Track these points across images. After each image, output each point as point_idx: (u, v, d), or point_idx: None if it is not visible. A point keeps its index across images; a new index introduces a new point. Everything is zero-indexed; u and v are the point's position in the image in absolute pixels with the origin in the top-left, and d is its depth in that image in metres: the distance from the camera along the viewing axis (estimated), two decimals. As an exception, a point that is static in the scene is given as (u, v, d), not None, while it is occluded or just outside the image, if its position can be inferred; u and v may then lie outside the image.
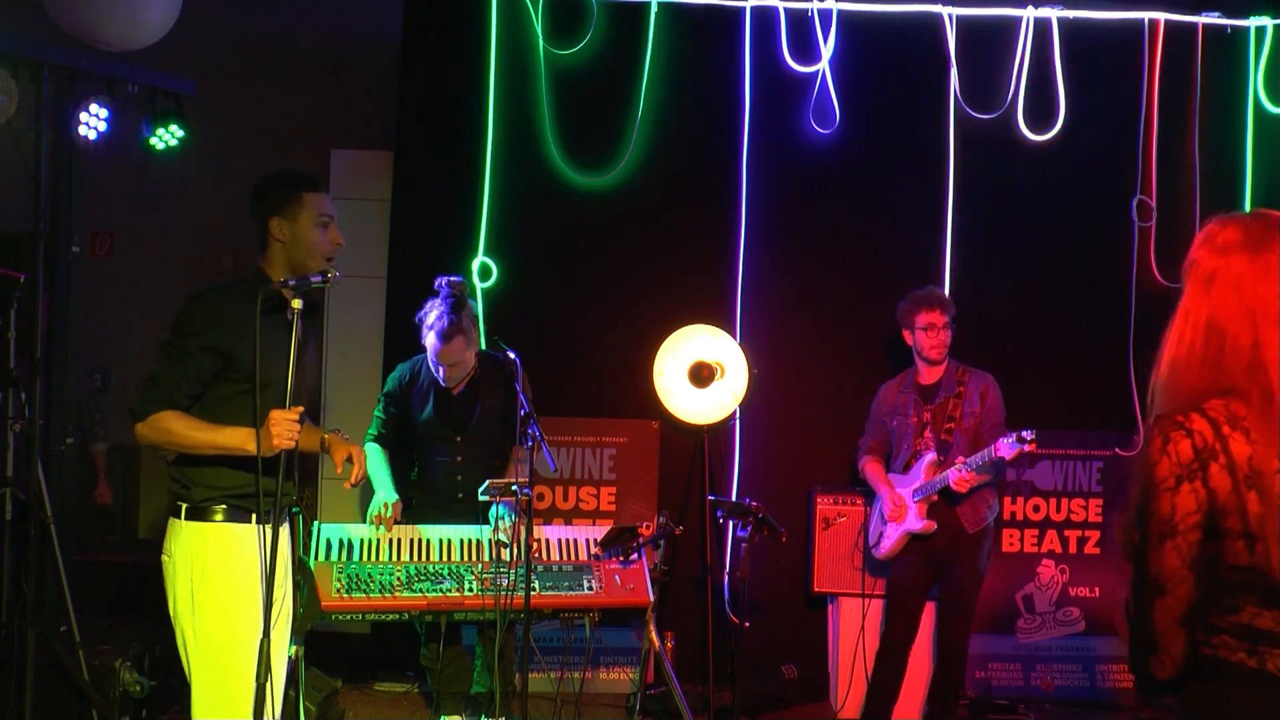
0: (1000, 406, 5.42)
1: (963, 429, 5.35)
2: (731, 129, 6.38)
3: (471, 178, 6.37)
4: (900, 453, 5.52)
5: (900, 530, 5.38)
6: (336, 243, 3.61)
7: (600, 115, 6.43)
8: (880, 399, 5.65)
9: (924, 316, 5.38)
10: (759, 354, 6.32)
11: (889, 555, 5.47)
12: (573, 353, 6.39)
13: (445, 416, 5.12)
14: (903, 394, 5.53)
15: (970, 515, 5.31)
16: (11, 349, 5.44)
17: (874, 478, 5.58)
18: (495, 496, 4.67)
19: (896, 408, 5.54)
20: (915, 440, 5.43)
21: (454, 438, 5.13)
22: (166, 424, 3.43)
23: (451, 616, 4.74)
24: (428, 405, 5.12)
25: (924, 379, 5.49)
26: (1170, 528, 2.19)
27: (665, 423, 6.27)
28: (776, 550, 5.72)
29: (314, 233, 3.56)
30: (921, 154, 6.39)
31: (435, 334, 4.89)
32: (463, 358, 4.97)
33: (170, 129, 5.85)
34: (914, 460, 5.42)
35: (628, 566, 4.92)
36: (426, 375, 5.15)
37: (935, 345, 5.40)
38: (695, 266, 6.43)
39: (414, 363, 5.23)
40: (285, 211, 3.55)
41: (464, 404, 5.13)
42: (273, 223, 3.56)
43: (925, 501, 5.31)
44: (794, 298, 6.40)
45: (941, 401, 5.41)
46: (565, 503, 6.20)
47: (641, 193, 6.42)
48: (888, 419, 5.58)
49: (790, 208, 6.43)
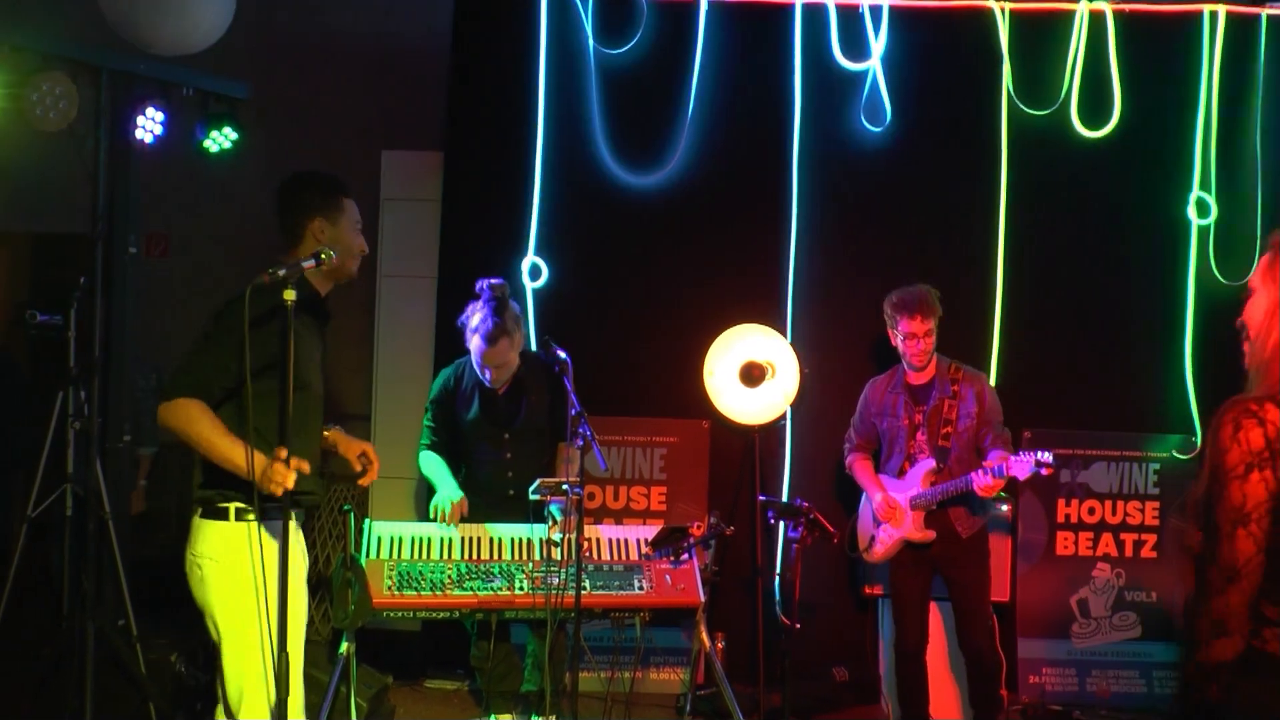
0: (998, 405, 5.35)
1: (959, 433, 5.27)
2: (782, 128, 6.39)
3: (521, 178, 6.42)
4: (892, 455, 5.44)
5: (896, 536, 5.33)
6: (364, 249, 3.72)
7: (650, 114, 6.46)
8: (868, 397, 5.57)
9: (905, 324, 5.27)
10: (810, 354, 6.32)
11: (882, 559, 5.44)
12: (623, 352, 6.42)
13: (492, 416, 5.18)
14: (891, 394, 5.44)
15: (964, 519, 5.27)
16: (71, 348, 5.57)
17: (864, 477, 5.51)
18: (547, 496, 4.71)
19: (885, 408, 5.45)
20: (908, 443, 5.35)
21: (502, 435, 5.18)
22: (190, 411, 3.42)
23: (502, 615, 4.78)
24: (473, 406, 5.19)
25: (913, 379, 5.40)
26: (1243, 515, 2.20)
27: (716, 423, 6.28)
28: (827, 551, 5.71)
29: (354, 236, 3.64)
30: (974, 151, 6.37)
31: (480, 337, 4.96)
32: (507, 359, 5.03)
33: (224, 132, 5.95)
34: (908, 464, 5.36)
35: (678, 567, 4.94)
36: (470, 377, 5.22)
37: (917, 354, 5.30)
38: (746, 265, 6.44)
39: (456, 367, 5.30)
40: (328, 213, 3.61)
41: (509, 403, 5.19)
42: (315, 223, 3.61)
43: (923, 509, 5.26)
44: (845, 296, 6.38)
45: (936, 404, 5.31)
46: (616, 502, 6.23)
47: (692, 192, 6.44)
48: (876, 419, 5.50)
49: (842, 206, 6.43)
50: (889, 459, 5.47)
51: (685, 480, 6.23)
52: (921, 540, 5.26)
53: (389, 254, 6.77)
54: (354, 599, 4.26)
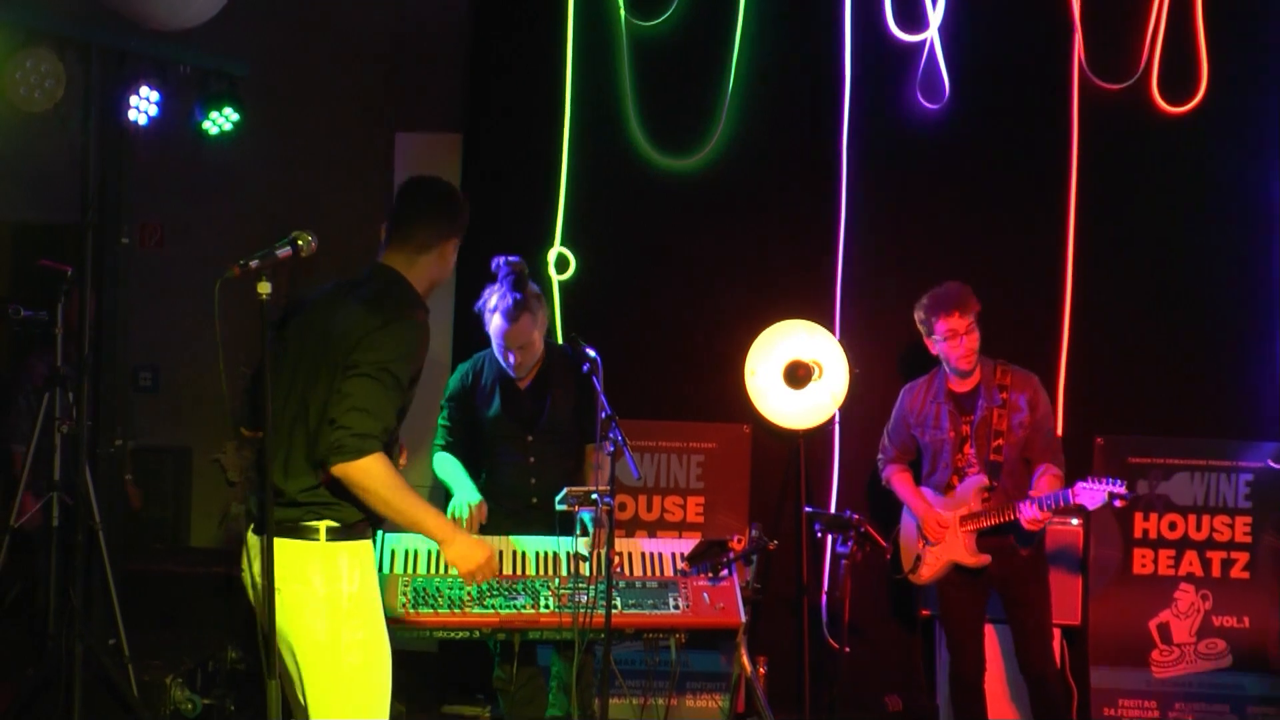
0: (1051, 412, 5.31)
1: (1011, 444, 5.23)
2: (830, 105, 6.37)
3: (547, 162, 6.43)
4: (937, 469, 5.40)
5: (944, 557, 5.30)
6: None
7: (687, 92, 6.47)
8: (905, 405, 5.52)
9: (943, 324, 5.22)
10: (860, 352, 6.29)
11: (930, 581, 5.41)
12: (657, 351, 6.42)
13: (514, 413, 5.17)
14: (933, 403, 5.39)
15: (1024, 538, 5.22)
16: (59, 346, 5.60)
17: (906, 491, 5.46)
18: (574, 506, 4.71)
19: (927, 419, 5.41)
20: (955, 456, 5.31)
21: (525, 436, 5.17)
22: (381, 467, 3.37)
23: (526, 635, 4.77)
24: (494, 402, 5.18)
25: (957, 385, 5.36)
26: None
27: (758, 427, 6.27)
28: (879, 568, 5.69)
29: (450, 270, 3.82)
30: (1041, 129, 6.31)
31: (500, 314, 4.95)
32: (531, 339, 5.03)
33: (224, 112, 5.97)
34: (956, 479, 5.31)
35: (717, 584, 4.92)
36: (491, 372, 5.21)
37: (963, 355, 5.25)
38: (791, 256, 6.43)
39: (475, 361, 5.30)
40: (460, 238, 3.76)
41: (533, 398, 5.18)
42: (451, 244, 3.75)
43: (975, 530, 5.22)
44: (899, 290, 6.27)
45: (984, 414, 5.26)
46: (649, 513, 6.22)
47: (732, 176, 6.44)
48: (917, 431, 5.45)
49: (895, 190, 6.41)
50: (933, 473, 5.43)
51: (724, 489, 6.21)
52: (975, 565, 5.23)
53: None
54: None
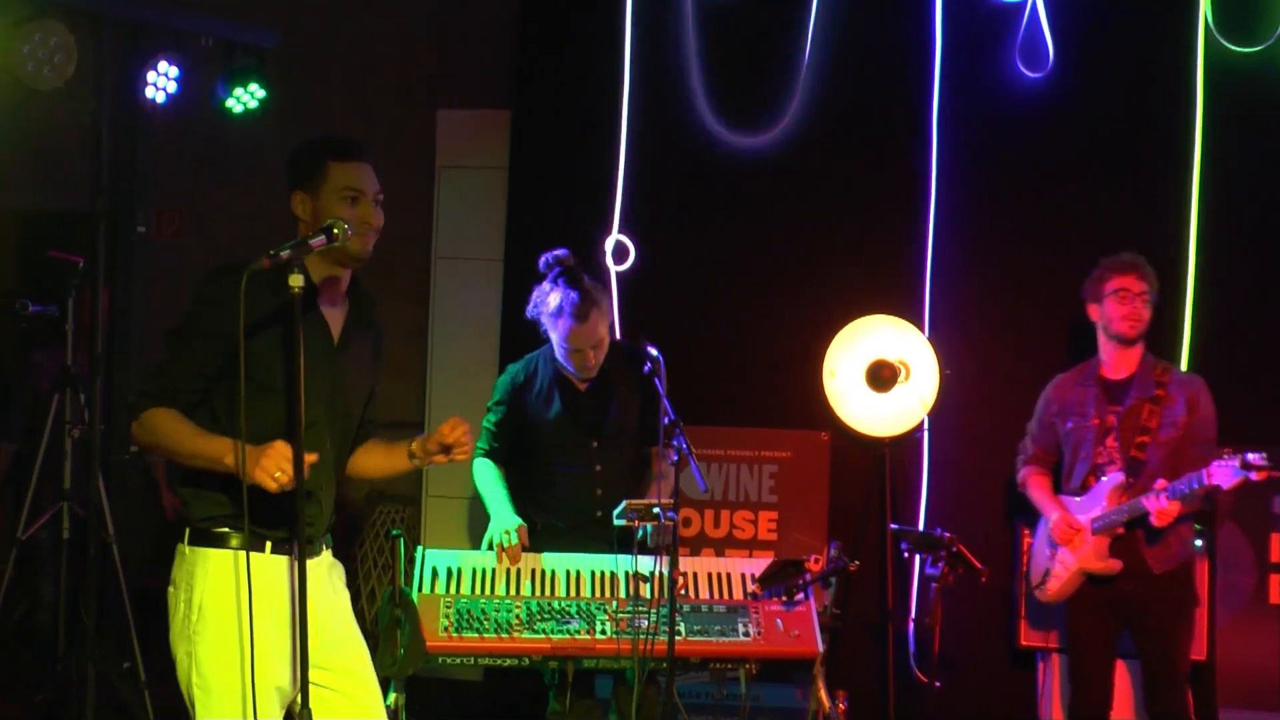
0: (1214, 421, 5.24)
1: (1160, 443, 5.17)
2: (918, 75, 6.33)
3: (604, 140, 6.44)
4: (1075, 467, 5.36)
5: (1073, 567, 5.27)
6: (367, 221, 3.54)
7: (758, 62, 6.46)
8: (1050, 395, 5.49)
9: (1116, 280, 5.22)
10: (952, 351, 6.25)
11: (1057, 597, 5.37)
12: (726, 349, 6.42)
13: (576, 418, 5.17)
14: (1081, 387, 5.36)
15: (1159, 552, 5.15)
16: (69, 343, 5.66)
17: (1039, 494, 5.45)
18: (634, 520, 4.70)
19: (1072, 406, 5.36)
20: (1095, 449, 5.27)
21: (589, 443, 5.18)
22: (156, 422, 3.47)
23: (580, 663, 4.77)
24: (553, 407, 5.18)
25: (1110, 371, 5.31)
26: None
27: (837, 434, 6.25)
28: (974, 593, 5.65)
29: (338, 208, 3.51)
30: (1159, 99, 6.21)
31: (568, 315, 4.96)
32: (600, 335, 5.05)
33: (249, 89, 6.03)
34: (1093, 479, 5.28)
35: (791, 609, 4.91)
36: (545, 374, 5.22)
37: (1127, 316, 5.21)
38: (874, 244, 6.40)
39: (527, 363, 5.30)
40: (307, 184, 3.57)
41: (596, 401, 5.19)
42: (295, 197, 3.58)
43: (1108, 534, 5.17)
44: (996, 282, 6.32)
45: (1134, 404, 5.23)
46: (716, 530, 6.21)
47: (808, 155, 6.41)
48: (1059, 420, 5.41)
49: (992, 170, 6.36)
50: (1071, 470, 5.39)
51: (800, 504, 6.20)
52: (1103, 571, 5.18)
53: (446, 232, 6.82)
54: (404, 641, 4.28)
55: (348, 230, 3.37)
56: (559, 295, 4.99)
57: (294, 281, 3.22)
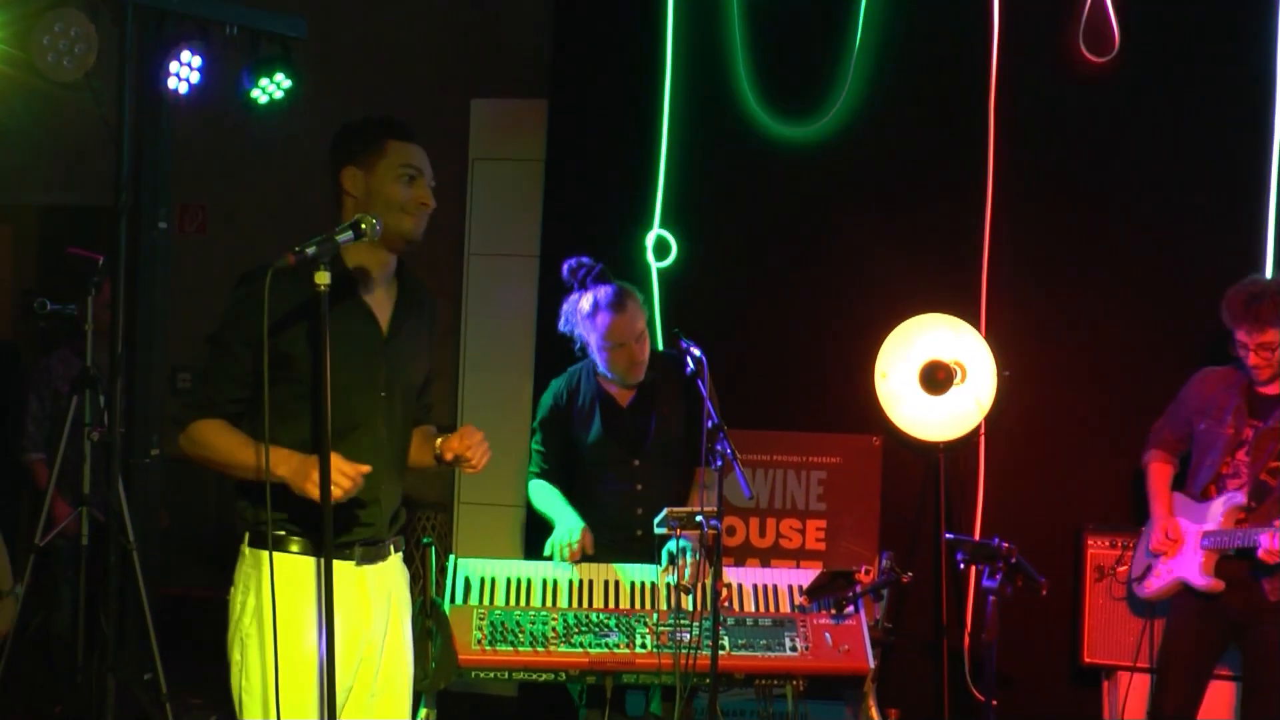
0: None
1: None
2: (975, 60, 6.29)
3: (645, 130, 6.46)
4: (1200, 471, 5.33)
5: (1175, 573, 5.26)
6: (422, 201, 3.60)
7: (807, 48, 6.45)
8: (1192, 388, 5.45)
9: (1241, 335, 5.17)
10: (1011, 351, 6.23)
11: (1155, 597, 5.38)
12: (773, 350, 6.42)
13: (618, 436, 5.19)
14: (1225, 391, 5.30)
15: (1277, 583, 5.09)
16: (89, 343, 5.72)
17: (1154, 486, 5.44)
18: (675, 529, 4.69)
19: (1211, 406, 5.32)
20: (1224, 459, 5.23)
21: (630, 461, 5.19)
22: (202, 435, 3.54)
23: (619, 679, 4.76)
24: (594, 424, 5.20)
25: (1264, 385, 5.26)
26: None
27: (890, 438, 6.24)
28: (1034, 607, 5.62)
29: (394, 186, 3.57)
30: (1238, 87, 6.14)
31: (604, 308, 4.97)
32: (640, 327, 5.05)
33: (275, 79, 6.06)
34: (1215, 489, 5.24)
35: (841, 622, 4.90)
36: (588, 389, 5.24)
37: (1259, 366, 5.18)
38: (929, 238, 6.38)
39: (569, 377, 5.32)
40: (362, 159, 3.59)
41: (637, 418, 5.20)
42: (345, 173, 3.60)
43: (1216, 552, 5.15)
44: (1058, 278, 6.29)
45: (1276, 426, 5.17)
46: (762, 539, 6.21)
47: (859, 145, 6.41)
48: (1195, 417, 5.38)
49: (1053, 160, 6.32)
50: (1196, 472, 5.37)
51: (850, 512, 6.18)
52: (1204, 589, 5.16)
53: (479, 227, 6.85)
54: (435, 654, 4.29)
55: (376, 226, 3.39)
56: (590, 295, 5.01)
57: (320, 279, 3.25)
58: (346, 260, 3.57)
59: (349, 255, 3.58)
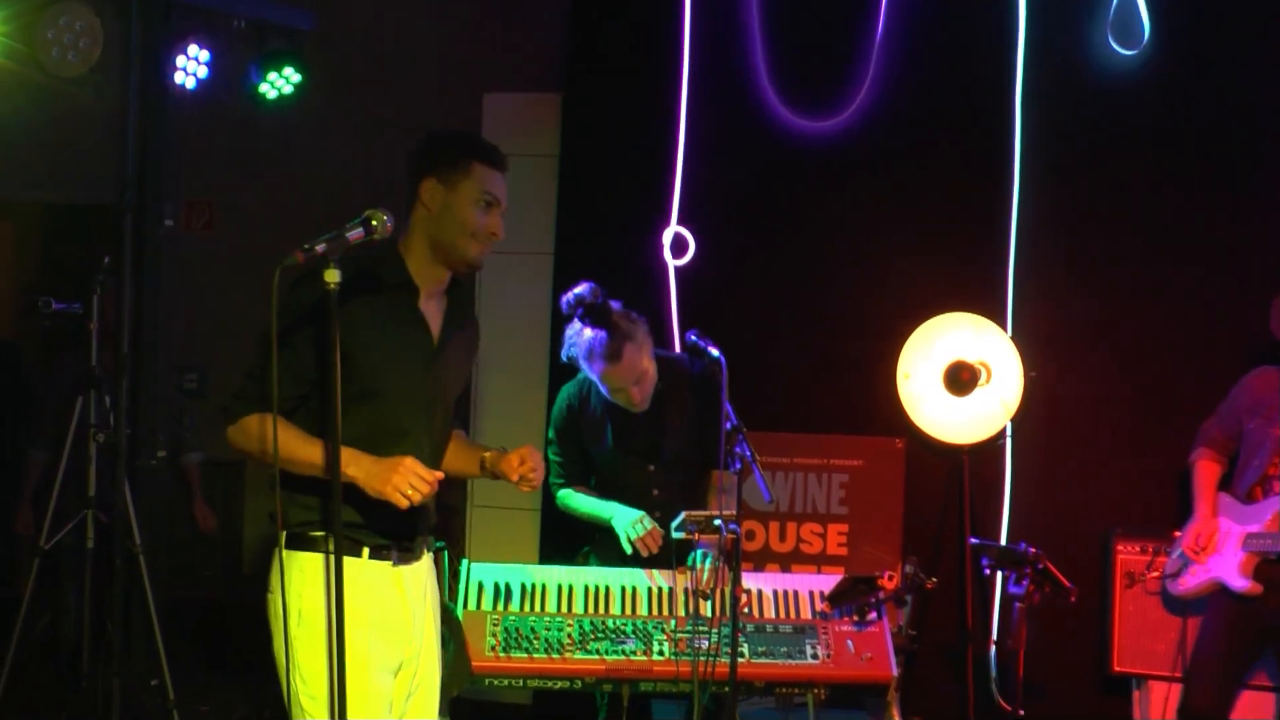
0: None
1: None
2: (1001, 52, 6.29)
3: (662, 126, 6.46)
4: (1246, 471, 5.33)
5: (1211, 573, 5.26)
6: (494, 232, 3.66)
7: (827, 41, 6.45)
8: (1245, 386, 5.44)
9: None
10: (1037, 351, 6.22)
11: (1189, 595, 5.38)
12: (792, 350, 6.42)
13: (630, 445, 5.19)
14: (1278, 392, 5.30)
15: None
16: (94, 343, 5.73)
17: (1198, 483, 5.44)
18: (693, 534, 4.69)
19: (1261, 405, 5.31)
20: (1271, 460, 5.22)
21: (645, 468, 5.20)
22: (258, 428, 3.55)
23: (636, 686, 4.76)
24: (606, 434, 5.21)
25: None
26: None
27: (913, 440, 6.24)
28: (1062, 614, 5.65)
29: (471, 210, 3.61)
30: (1270, 74, 6.13)
31: (599, 356, 4.94)
32: (643, 369, 5.02)
33: (283, 73, 6.08)
34: (1260, 491, 5.23)
35: (863, 629, 4.89)
36: (599, 396, 5.23)
37: None
38: (953, 236, 6.38)
39: (580, 384, 5.31)
40: (446, 175, 3.62)
41: (650, 425, 5.19)
42: (426, 184, 3.63)
43: (1257, 555, 5.14)
44: (1086, 276, 6.28)
45: None
46: (782, 544, 6.21)
47: (881, 140, 6.41)
48: (1245, 416, 5.37)
49: (1081, 155, 6.31)
50: (1243, 472, 5.37)
51: (872, 516, 6.19)
52: (1245, 592, 5.15)
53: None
54: (448, 661, 4.28)
55: (386, 222, 3.41)
56: (587, 336, 4.96)
57: (329, 277, 3.27)
58: (410, 269, 3.63)
59: (410, 263, 3.64)
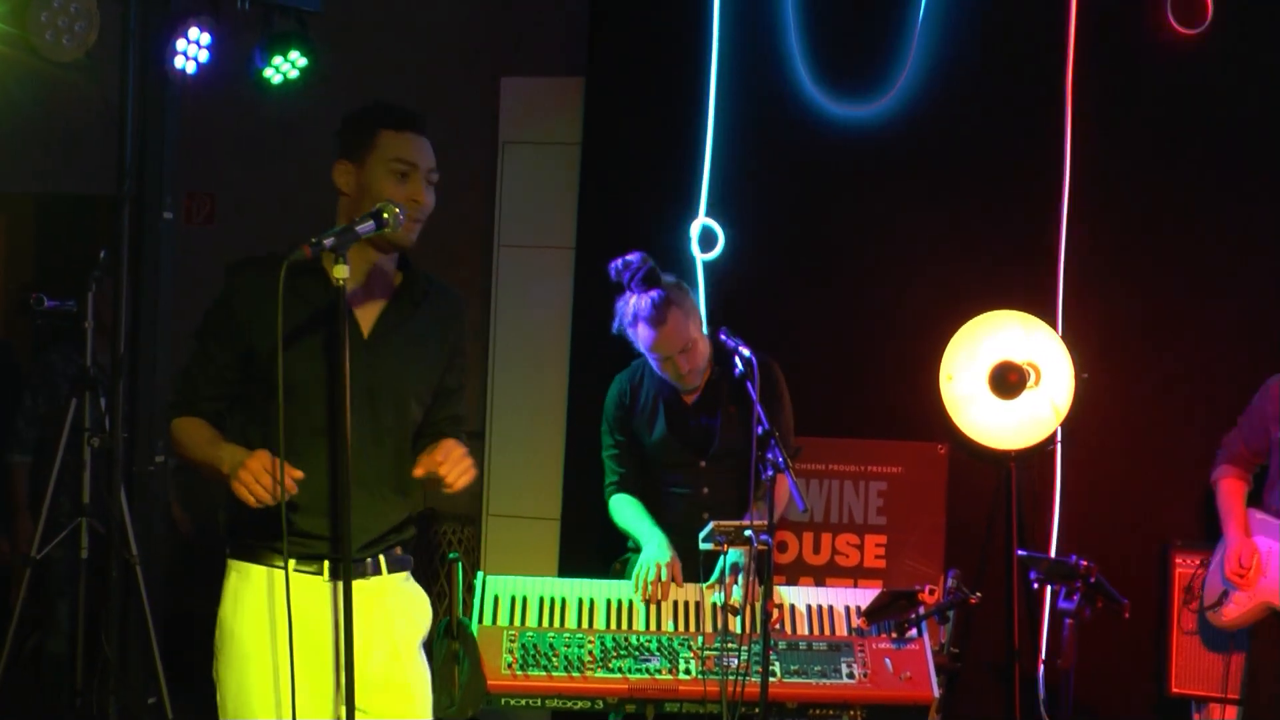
0: None
1: None
2: (1052, 34, 6.28)
3: (689, 112, 6.46)
4: (1279, 483, 5.32)
5: (1256, 598, 5.26)
6: (416, 199, 3.56)
7: (865, 21, 6.46)
8: (1271, 392, 5.45)
9: None
10: (1090, 352, 6.21)
11: (1234, 625, 5.37)
12: (827, 348, 6.42)
13: (683, 436, 5.22)
14: None
15: None
16: (90, 342, 5.75)
17: (1226, 505, 5.45)
18: (722, 544, 4.69)
19: None
20: None
21: (696, 463, 5.23)
22: (178, 433, 3.63)
23: (661, 707, 4.75)
24: (658, 424, 5.24)
25: None
26: None
27: (956, 446, 6.24)
28: (1116, 630, 5.65)
29: (383, 182, 3.53)
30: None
31: (644, 321, 4.99)
32: (690, 337, 5.05)
33: (289, 57, 6.09)
34: None
35: (903, 647, 4.88)
36: (651, 386, 5.27)
37: None
38: (999, 230, 6.37)
39: (632, 373, 5.36)
40: (354, 152, 3.58)
41: (703, 416, 5.23)
42: (338, 169, 3.60)
43: None
44: (1141, 273, 6.27)
45: None
46: (816, 556, 6.21)
47: (922, 128, 6.40)
48: (1275, 425, 5.37)
49: (1137, 143, 6.30)
50: (1276, 484, 5.37)
51: (913, 526, 6.19)
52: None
53: (510, 216, 6.86)
54: (462, 679, 4.29)
55: (399, 215, 3.40)
56: (634, 302, 5.01)
57: (339, 273, 3.26)
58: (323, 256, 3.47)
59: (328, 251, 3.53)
